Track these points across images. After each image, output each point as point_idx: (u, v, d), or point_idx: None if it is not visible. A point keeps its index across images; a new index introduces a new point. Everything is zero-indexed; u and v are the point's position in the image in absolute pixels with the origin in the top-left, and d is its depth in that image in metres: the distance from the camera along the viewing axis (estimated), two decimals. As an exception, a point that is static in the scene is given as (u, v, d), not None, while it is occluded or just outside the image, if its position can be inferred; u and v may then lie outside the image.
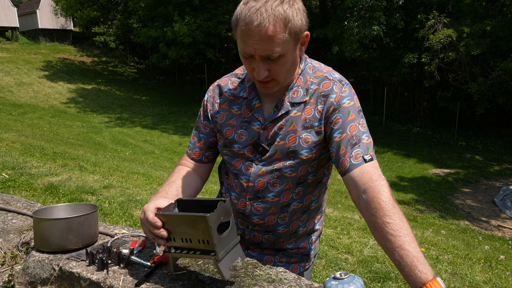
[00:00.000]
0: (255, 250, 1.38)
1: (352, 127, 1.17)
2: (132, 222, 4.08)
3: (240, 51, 1.13)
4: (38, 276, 1.23)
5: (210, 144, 1.39)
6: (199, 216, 0.97)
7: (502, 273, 4.05)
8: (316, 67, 1.27)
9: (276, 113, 1.23)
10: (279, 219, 1.30)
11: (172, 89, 25.04)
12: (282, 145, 1.22)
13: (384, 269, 3.65)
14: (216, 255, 0.97)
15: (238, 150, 1.28)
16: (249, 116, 1.27)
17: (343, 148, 1.15)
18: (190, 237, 1.01)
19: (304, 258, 1.43)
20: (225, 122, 1.31)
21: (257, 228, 1.32)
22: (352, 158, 1.13)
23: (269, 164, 1.25)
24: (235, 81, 1.34)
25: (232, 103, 1.31)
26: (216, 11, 21.59)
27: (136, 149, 12.59)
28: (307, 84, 1.23)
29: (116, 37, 27.40)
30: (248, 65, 1.15)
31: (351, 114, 1.18)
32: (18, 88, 19.45)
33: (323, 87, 1.22)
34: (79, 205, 1.39)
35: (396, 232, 0.99)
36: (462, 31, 16.40)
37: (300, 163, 1.23)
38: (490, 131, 17.97)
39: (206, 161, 1.42)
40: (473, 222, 9.47)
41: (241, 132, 1.27)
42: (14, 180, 4.59)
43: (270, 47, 1.07)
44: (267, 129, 1.24)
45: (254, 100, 1.27)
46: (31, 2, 32.55)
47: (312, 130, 1.21)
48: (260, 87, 1.20)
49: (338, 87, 1.21)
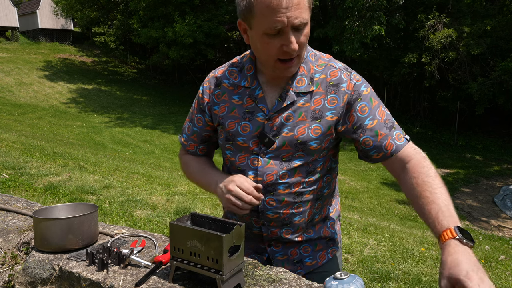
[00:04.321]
0: (277, 245, 1.34)
1: (380, 112, 1.21)
2: (132, 222, 4.08)
3: (265, 29, 1.07)
4: (38, 276, 1.23)
5: (203, 138, 1.37)
6: (214, 234, 0.98)
7: (502, 273, 4.05)
8: (318, 55, 1.25)
9: (281, 103, 1.20)
10: (293, 209, 1.26)
11: (172, 89, 25.04)
12: (290, 137, 1.20)
13: (384, 269, 3.65)
14: (222, 275, 0.98)
15: (243, 143, 1.24)
16: (252, 106, 1.23)
17: (381, 133, 1.20)
18: (199, 253, 1.01)
19: (329, 243, 1.39)
20: (227, 114, 1.26)
21: (273, 224, 1.28)
22: (396, 139, 1.20)
23: (276, 156, 1.22)
24: (233, 70, 1.29)
25: (232, 93, 1.27)
26: (216, 12, 21.60)
27: (136, 149, 12.59)
28: (310, 73, 1.21)
29: (116, 37, 27.41)
30: (273, 44, 1.09)
31: (374, 100, 1.21)
32: (18, 88, 19.45)
33: (330, 76, 1.20)
34: (79, 205, 1.39)
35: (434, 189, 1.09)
36: (462, 31, 16.40)
37: (309, 153, 1.22)
38: (490, 131, 17.97)
39: (200, 154, 1.42)
40: (473, 222, 9.47)
41: (245, 124, 1.23)
42: (14, 180, 4.59)
43: (300, 14, 1.04)
44: (271, 120, 1.21)
45: (257, 90, 1.23)
46: (31, 2, 32.55)
47: (322, 120, 1.19)
48: (283, 69, 1.15)
49: (346, 75, 1.21)
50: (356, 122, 1.20)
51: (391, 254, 4.09)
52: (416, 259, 4.04)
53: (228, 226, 1.07)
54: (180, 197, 5.17)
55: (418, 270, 3.77)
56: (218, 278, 0.99)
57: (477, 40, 15.97)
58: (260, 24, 1.07)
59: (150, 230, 3.92)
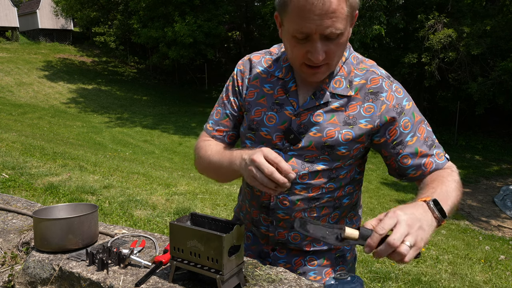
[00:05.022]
0: (282, 251, 1.27)
1: (421, 129, 1.16)
2: (132, 222, 4.08)
3: (293, 32, 1.00)
4: (38, 276, 1.23)
5: (237, 123, 1.27)
6: (214, 234, 0.98)
7: (502, 273, 4.05)
8: (360, 58, 1.19)
9: (314, 102, 1.13)
10: (306, 213, 1.19)
11: (172, 89, 25.04)
12: (318, 138, 1.13)
13: (384, 269, 3.65)
14: (222, 275, 0.99)
15: (266, 134, 1.18)
16: (282, 98, 1.17)
17: (421, 151, 1.15)
18: (199, 253, 1.02)
19: (339, 261, 1.29)
20: (255, 101, 1.20)
21: (282, 224, 1.22)
22: (436, 157, 1.16)
23: (299, 155, 1.15)
24: (269, 59, 1.23)
25: (265, 81, 1.21)
26: (216, 12, 21.61)
27: (136, 149, 12.59)
28: (350, 76, 1.14)
29: (116, 37, 27.41)
30: (299, 48, 1.03)
31: (416, 116, 1.16)
32: (18, 88, 19.45)
33: (371, 83, 1.14)
34: (79, 205, 1.39)
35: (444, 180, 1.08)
36: (462, 31, 16.41)
37: (334, 158, 1.15)
38: (490, 131, 17.97)
39: (228, 141, 1.29)
40: (473, 222, 9.47)
41: (271, 114, 1.17)
42: (14, 180, 4.59)
43: (333, 23, 0.96)
44: (299, 116, 1.14)
45: (290, 82, 1.17)
46: (31, 2, 32.55)
47: (354, 127, 1.13)
48: (309, 74, 1.08)
49: (388, 84, 1.14)
50: (397, 138, 1.14)
51: (391, 254, 4.09)
52: (416, 259, 4.04)
53: (228, 226, 1.07)
54: (180, 197, 5.18)
55: (418, 270, 3.77)
56: (218, 278, 0.99)
57: (477, 40, 15.97)
58: (290, 24, 1.01)
59: (150, 230, 3.92)
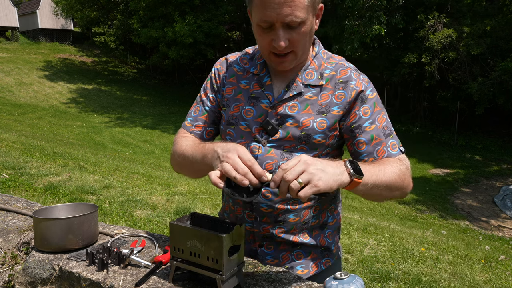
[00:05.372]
0: (269, 246, 1.30)
1: (380, 118, 1.22)
2: (132, 222, 4.08)
3: (258, 21, 1.09)
4: (38, 276, 1.23)
5: (215, 119, 1.33)
6: (214, 234, 0.98)
7: (502, 273, 4.05)
8: (329, 54, 1.28)
9: (287, 93, 1.21)
10: (289, 205, 1.24)
11: (172, 89, 25.04)
12: (295, 128, 1.19)
13: (384, 269, 3.65)
14: (222, 275, 0.99)
15: (246, 127, 1.24)
16: (258, 92, 1.24)
17: (377, 138, 1.20)
18: (199, 253, 1.02)
19: (324, 253, 1.35)
20: (233, 97, 1.27)
21: (266, 219, 1.26)
22: (389, 147, 1.21)
23: (278, 146, 1.21)
24: (245, 58, 1.32)
25: (241, 78, 1.28)
26: (216, 12, 21.60)
27: (136, 149, 12.60)
28: (321, 68, 1.23)
29: (116, 37, 27.41)
30: (265, 37, 1.11)
31: (377, 106, 1.23)
32: (18, 88, 19.45)
33: (340, 74, 1.22)
34: (79, 205, 1.39)
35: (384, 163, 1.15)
36: (462, 31, 16.41)
37: (312, 147, 1.21)
38: (490, 131, 17.97)
39: (206, 138, 1.34)
40: (473, 222, 9.47)
41: (249, 108, 1.24)
42: (14, 180, 4.59)
43: (292, 12, 1.05)
44: (275, 108, 1.21)
45: (265, 77, 1.24)
46: (31, 2, 32.56)
47: (328, 115, 1.20)
48: (277, 63, 1.16)
49: (356, 74, 1.23)
50: (356, 121, 1.20)
51: (391, 254, 4.09)
52: (416, 259, 4.04)
53: (228, 226, 1.07)
54: (180, 197, 5.18)
55: (418, 270, 3.77)
56: (218, 278, 0.99)
57: (477, 40, 15.97)
58: (256, 15, 1.09)
59: (150, 230, 3.93)
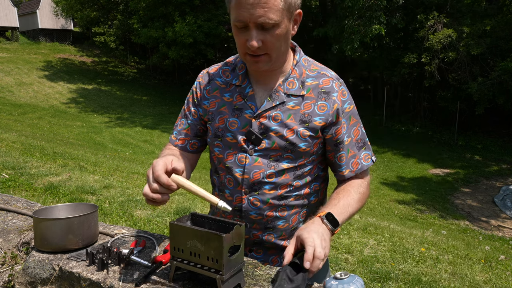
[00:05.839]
0: (258, 251, 1.33)
1: (355, 131, 1.29)
2: (132, 222, 4.08)
3: (233, 21, 1.11)
4: (38, 276, 1.23)
5: (197, 132, 1.36)
6: (214, 234, 0.98)
7: (502, 273, 4.05)
8: (311, 61, 1.30)
9: (270, 103, 1.22)
10: (277, 212, 1.27)
11: (172, 89, 25.03)
12: (280, 137, 1.21)
13: (384, 269, 3.65)
14: (222, 275, 0.99)
15: (232, 138, 1.26)
16: (241, 103, 1.25)
17: (351, 151, 1.28)
18: (199, 253, 1.02)
19: None
20: (217, 110, 1.29)
21: (255, 226, 1.28)
22: (362, 159, 1.30)
23: (265, 155, 1.23)
24: (226, 69, 1.32)
25: (224, 91, 1.29)
26: (216, 12, 21.59)
27: (136, 149, 12.60)
28: (302, 77, 1.24)
29: (116, 37, 27.40)
30: (240, 37, 1.13)
31: (352, 119, 1.28)
32: (18, 88, 19.45)
33: (323, 83, 1.24)
34: (79, 205, 1.39)
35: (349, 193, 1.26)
36: (462, 31, 16.40)
37: (297, 156, 1.23)
38: (490, 131, 17.96)
39: (190, 150, 1.38)
40: (473, 222, 9.47)
41: (233, 120, 1.25)
42: (14, 180, 4.59)
43: (265, 13, 1.06)
44: (259, 118, 1.22)
45: (247, 88, 1.25)
46: (31, 2, 32.55)
47: (310, 124, 1.22)
48: (251, 63, 1.18)
49: (338, 85, 1.25)
50: (341, 137, 1.26)
51: (391, 254, 4.09)
52: (416, 259, 4.04)
53: (228, 226, 1.07)
54: (180, 197, 5.18)
55: (418, 270, 3.77)
56: (218, 278, 0.99)
57: (477, 40, 15.96)
58: (232, 15, 1.12)
59: (150, 230, 3.92)
